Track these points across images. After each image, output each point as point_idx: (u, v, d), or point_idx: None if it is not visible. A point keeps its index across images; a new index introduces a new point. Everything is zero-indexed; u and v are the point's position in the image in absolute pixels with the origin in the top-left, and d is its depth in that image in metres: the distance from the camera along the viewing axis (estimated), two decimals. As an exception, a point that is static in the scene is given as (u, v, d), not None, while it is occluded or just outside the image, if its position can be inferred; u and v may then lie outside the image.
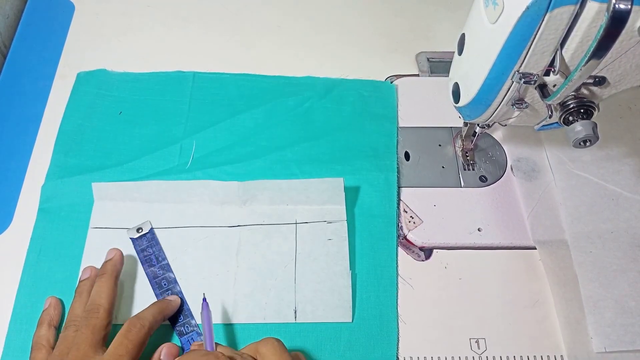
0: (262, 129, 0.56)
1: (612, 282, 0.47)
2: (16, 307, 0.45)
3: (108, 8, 0.65)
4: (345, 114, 0.57)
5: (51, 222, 0.49)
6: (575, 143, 0.39)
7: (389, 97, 0.59)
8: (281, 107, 0.57)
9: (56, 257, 0.47)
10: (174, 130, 0.55)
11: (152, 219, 0.49)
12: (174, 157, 0.53)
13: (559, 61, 0.36)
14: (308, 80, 0.59)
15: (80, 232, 0.49)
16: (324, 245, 0.48)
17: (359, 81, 0.60)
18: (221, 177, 0.51)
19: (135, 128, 0.55)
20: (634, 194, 0.52)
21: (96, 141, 0.54)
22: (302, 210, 0.50)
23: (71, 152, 0.53)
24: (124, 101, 0.57)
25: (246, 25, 0.65)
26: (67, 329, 0.42)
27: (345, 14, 0.66)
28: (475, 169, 0.54)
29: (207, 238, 0.49)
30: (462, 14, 0.41)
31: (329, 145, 0.55)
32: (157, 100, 0.57)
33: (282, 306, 0.46)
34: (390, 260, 0.49)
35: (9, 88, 0.58)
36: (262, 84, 0.59)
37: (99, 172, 0.51)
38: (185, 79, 0.58)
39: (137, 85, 0.58)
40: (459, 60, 0.42)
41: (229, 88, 0.58)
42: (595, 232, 0.50)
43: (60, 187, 0.51)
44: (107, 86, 0.58)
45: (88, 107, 0.56)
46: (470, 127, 0.52)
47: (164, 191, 0.50)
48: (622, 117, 0.58)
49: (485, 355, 0.45)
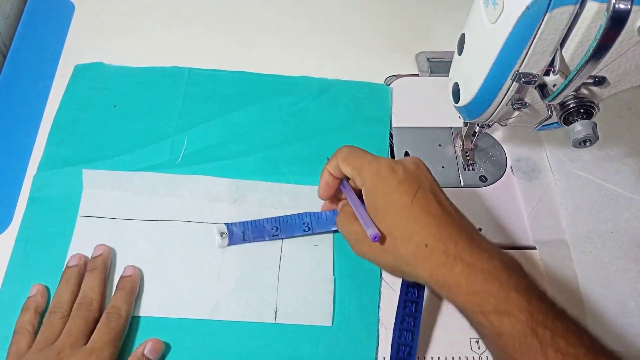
0: (255, 127, 0.56)
1: (612, 282, 0.47)
2: (2, 295, 0.45)
3: (108, 8, 0.65)
4: (338, 115, 0.57)
5: (40, 212, 0.49)
6: (575, 143, 0.39)
7: (383, 100, 0.59)
8: (275, 106, 0.57)
9: (44, 247, 0.47)
10: (167, 125, 0.55)
11: (139, 209, 0.49)
12: (165, 152, 0.53)
13: (559, 61, 0.36)
14: (304, 80, 0.59)
15: (69, 223, 0.48)
16: (310, 250, 0.49)
17: (355, 83, 0.59)
18: (210, 173, 0.52)
19: (129, 122, 0.55)
20: (634, 194, 0.52)
21: (89, 133, 0.54)
22: None
23: (63, 144, 0.53)
24: (119, 95, 0.57)
25: (246, 25, 0.65)
26: (52, 315, 0.42)
27: (345, 14, 0.66)
28: (475, 169, 0.54)
29: (194, 233, 0.49)
30: (462, 14, 0.41)
31: (321, 146, 0.55)
32: (151, 95, 0.57)
33: (263, 306, 0.46)
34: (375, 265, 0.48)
35: (9, 88, 0.58)
36: (258, 82, 0.59)
37: (90, 164, 0.51)
38: (180, 75, 0.58)
39: (133, 79, 0.58)
40: (459, 60, 0.42)
41: (224, 85, 0.58)
42: (595, 232, 0.50)
43: (51, 178, 0.51)
44: (103, 79, 0.58)
45: (83, 99, 0.56)
46: (470, 127, 0.52)
47: (154, 184, 0.50)
48: (622, 117, 0.58)
49: (486, 355, 0.45)
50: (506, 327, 0.33)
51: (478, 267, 0.35)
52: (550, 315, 0.33)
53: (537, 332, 0.32)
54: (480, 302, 0.34)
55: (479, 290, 0.34)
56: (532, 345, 0.32)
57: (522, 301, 0.33)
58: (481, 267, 0.35)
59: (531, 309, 0.33)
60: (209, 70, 0.59)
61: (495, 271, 0.35)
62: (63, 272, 0.45)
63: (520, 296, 0.33)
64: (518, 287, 0.34)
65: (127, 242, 0.48)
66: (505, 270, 0.35)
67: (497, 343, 0.34)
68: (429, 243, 0.36)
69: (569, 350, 0.32)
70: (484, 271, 0.35)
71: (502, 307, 0.33)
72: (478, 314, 0.34)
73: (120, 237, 0.48)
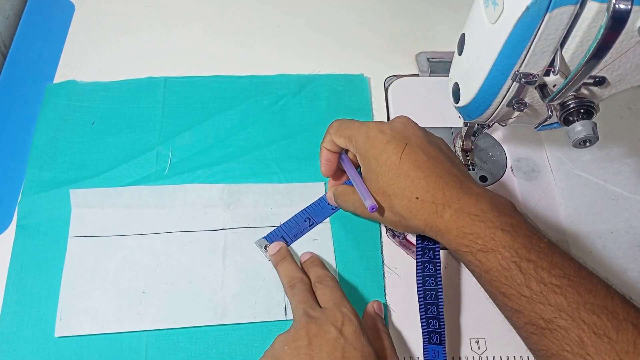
0: (239, 129, 0.56)
1: (613, 282, 0.47)
2: (1, 327, 0.44)
3: (108, 8, 0.65)
4: (320, 109, 0.57)
5: (30, 238, 0.48)
6: (575, 143, 0.39)
7: (362, 90, 0.59)
8: (256, 106, 0.57)
9: (39, 274, 0.46)
10: (149, 136, 0.54)
11: (133, 224, 0.49)
12: (151, 164, 0.52)
13: (559, 61, 0.36)
14: (281, 78, 0.59)
15: (61, 247, 0.47)
16: (309, 246, 0.49)
17: (332, 76, 0.60)
18: (200, 180, 0.51)
19: (110, 137, 0.54)
20: (634, 194, 0.52)
21: (70, 153, 0.53)
22: (286, 213, 0.50)
23: (45, 166, 0.52)
24: (96, 111, 0.56)
25: (246, 25, 0.65)
26: (295, 287, 0.43)
27: (345, 14, 0.66)
28: (475, 169, 0.54)
29: (191, 242, 0.48)
30: (462, 14, 0.41)
31: (307, 141, 0.55)
32: (129, 108, 0.56)
33: (272, 305, 0.46)
34: (375, 251, 0.49)
35: (9, 88, 0.58)
36: (235, 84, 0.58)
37: (75, 184, 0.50)
38: (156, 85, 0.58)
39: (108, 94, 0.57)
40: (459, 60, 0.42)
41: (201, 90, 0.58)
42: (595, 232, 0.50)
43: (37, 203, 0.49)
44: (77, 97, 0.56)
45: (59, 119, 0.55)
46: (470, 127, 0.52)
47: (145, 197, 0.50)
48: (622, 117, 0.58)
49: (485, 355, 0.45)
50: (492, 263, 0.36)
51: (465, 211, 0.38)
52: (534, 250, 0.35)
53: (521, 266, 0.35)
54: (468, 243, 0.37)
55: (467, 232, 0.37)
56: (517, 278, 0.35)
57: (507, 239, 0.36)
58: (468, 211, 0.38)
59: (516, 246, 0.36)
60: (185, 77, 0.58)
61: (482, 214, 0.37)
62: (274, 259, 0.47)
63: (506, 234, 0.36)
64: (504, 226, 0.37)
65: (124, 257, 0.47)
66: (492, 211, 0.37)
67: (486, 279, 0.37)
68: (419, 196, 0.39)
69: (551, 281, 0.34)
70: (471, 214, 0.37)
71: (489, 246, 0.36)
72: (468, 254, 0.37)
73: (116, 254, 0.47)
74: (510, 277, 0.35)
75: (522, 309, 0.35)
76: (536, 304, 0.34)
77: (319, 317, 0.39)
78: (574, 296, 0.34)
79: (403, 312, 0.47)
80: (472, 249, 0.37)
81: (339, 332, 0.38)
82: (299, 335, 0.38)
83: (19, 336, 0.44)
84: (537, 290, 0.34)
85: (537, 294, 0.34)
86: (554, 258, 0.35)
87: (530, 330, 0.35)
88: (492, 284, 0.36)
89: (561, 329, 0.33)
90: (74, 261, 0.47)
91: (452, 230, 0.38)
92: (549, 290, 0.34)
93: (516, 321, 0.36)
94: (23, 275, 0.46)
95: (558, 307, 0.34)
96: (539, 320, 0.34)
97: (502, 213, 0.37)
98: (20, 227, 0.49)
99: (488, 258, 0.36)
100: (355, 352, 0.37)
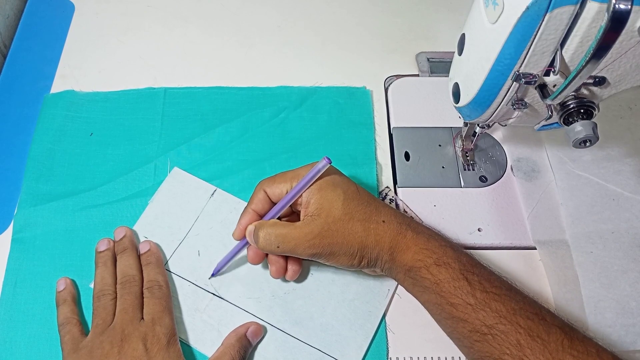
0: (238, 142, 0.55)
1: (613, 282, 0.47)
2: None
3: (108, 8, 0.65)
4: (321, 123, 0.56)
5: (26, 252, 0.47)
6: (576, 143, 0.39)
7: (364, 103, 0.58)
8: (256, 119, 0.56)
9: (33, 289, 0.46)
10: (148, 148, 0.54)
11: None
12: (149, 176, 0.52)
13: (559, 61, 0.36)
14: (282, 90, 0.58)
15: (56, 262, 0.47)
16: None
17: (334, 88, 0.59)
18: None
19: (108, 149, 0.53)
20: (634, 194, 0.52)
21: (68, 165, 0.52)
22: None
23: (42, 178, 0.51)
24: (95, 122, 0.55)
25: (246, 25, 0.64)
26: (101, 298, 0.43)
27: (345, 15, 0.66)
28: (475, 169, 0.54)
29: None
30: (462, 14, 0.41)
31: (307, 155, 0.54)
32: (128, 119, 0.55)
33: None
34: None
35: (9, 88, 0.58)
36: (235, 96, 0.57)
37: (72, 197, 0.50)
38: (156, 96, 0.57)
39: (107, 104, 0.56)
40: (459, 61, 0.42)
41: (201, 102, 0.57)
42: (596, 233, 0.49)
43: (33, 216, 0.49)
44: (76, 107, 0.56)
45: (57, 130, 0.54)
46: (470, 127, 0.52)
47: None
48: (622, 117, 0.57)
49: (485, 356, 0.45)
50: (444, 275, 0.40)
51: (422, 231, 0.43)
52: (476, 265, 0.42)
53: (468, 277, 0.40)
54: (423, 258, 0.41)
55: (423, 248, 0.42)
56: (464, 288, 0.39)
57: (455, 255, 0.42)
58: (423, 231, 0.43)
59: (462, 260, 0.41)
60: (184, 88, 0.58)
61: (434, 234, 0.44)
62: (97, 258, 0.46)
63: (454, 251, 0.42)
64: (450, 244, 0.43)
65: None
66: (440, 234, 0.45)
67: (436, 290, 0.41)
68: (385, 219, 0.43)
69: (492, 290, 0.39)
70: (425, 234, 0.43)
71: (441, 260, 0.41)
72: (422, 269, 0.41)
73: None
74: (459, 287, 0.40)
75: (468, 317, 0.39)
76: (480, 311, 0.38)
77: (88, 345, 0.41)
78: (510, 303, 0.38)
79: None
80: (426, 263, 0.41)
81: (144, 349, 0.39)
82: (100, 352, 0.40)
83: (14, 353, 0.43)
84: (481, 298, 0.39)
85: (481, 302, 0.39)
86: (489, 274, 0.41)
87: (474, 337, 0.38)
88: (442, 294, 0.40)
89: (501, 333, 0.37)
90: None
91: (412, 247, 0.42)
92: (491, 298, 0.39)
93: (461, 330, 0.39)
94: (17, 291, 0.46)
95: (498, 313, 0.38)
96: (482, 327, 0.38)
97: (442, 235, 0.45)
98: (15, 241, 0.48)
99: (440, 271, 0.40)
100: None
